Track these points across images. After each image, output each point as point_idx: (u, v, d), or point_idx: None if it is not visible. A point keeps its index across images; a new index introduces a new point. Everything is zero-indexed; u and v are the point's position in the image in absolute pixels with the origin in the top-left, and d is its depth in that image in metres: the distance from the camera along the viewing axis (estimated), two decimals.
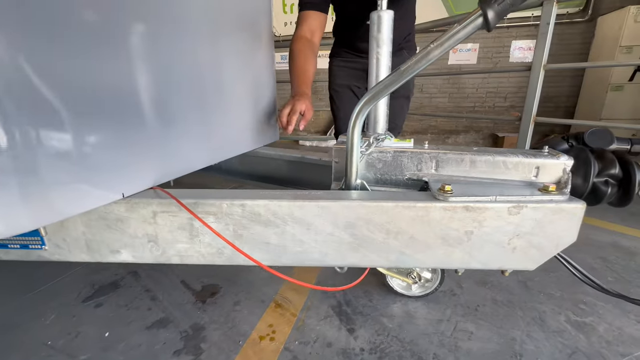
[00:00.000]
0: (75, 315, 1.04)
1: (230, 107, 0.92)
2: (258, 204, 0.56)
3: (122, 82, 0.56)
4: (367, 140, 0.67)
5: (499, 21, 0.47)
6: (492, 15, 0.46)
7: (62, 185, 0.48)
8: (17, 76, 0.41)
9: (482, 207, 0.53)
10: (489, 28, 0.47)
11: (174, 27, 0.67)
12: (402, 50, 1.33)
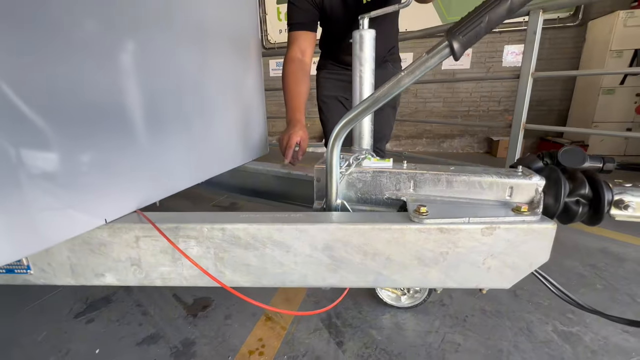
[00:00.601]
0: (67, 332, 1.05)
1: (217, 124, 0.93)
2: (237, 227, 0.57)
3: (106, 102, 0.57)
4: (347, 161, 0.69)
5: (464, 51, 0.49)
6: (458, 46, 0.47)
7: (44, 213, 0.49)
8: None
9: (456, 229, 0.55)
10: (455, 58, 0.49)
11: (160, 48, 0.68)
12: (386, 63, 1.36)
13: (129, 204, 0.63)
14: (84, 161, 0.54)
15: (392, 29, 1.33)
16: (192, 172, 0.84)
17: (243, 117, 1.07)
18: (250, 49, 1.08)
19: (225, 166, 0.99)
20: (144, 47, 0.64)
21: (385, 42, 1.29)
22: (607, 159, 0.62)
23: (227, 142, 1.00)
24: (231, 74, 0.99)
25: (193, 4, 0.78)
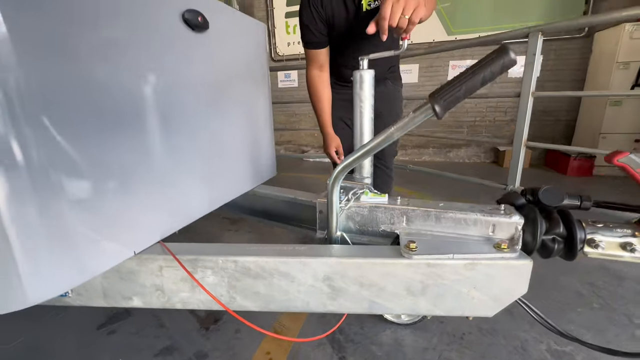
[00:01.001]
0: (92, 342, 1.15)
1: (230, 153, 1.02)
2: (248, 260, 0.65)
3: (134, 145, 0.66)
4: (346, 195, 0.76)
5: (445, 112, 0.56)
6: (439, 109, 0.54)
7: (88, 249, 0.58)
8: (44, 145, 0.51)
9: (441, 264, 0.61)
10: (438, 117, 0.56)
11: (181, 89, 0.77)
12: (386, 80, 1.43)
13: (153, 236, 0.72)
14: (117, 200, 0.63)
15: (393, 48, 1.40)
16: (208, 200, 0.93)
17: (253, 144, 1.16)
18: (259, 82, 1.17)
19: (238, 191, 1.08)
20: (167, 90, 0.73)
21: (385, 62, 1.36)
22: (584, 198, 0.68)
23: (239, 169, 1.09)
24: (243, 104, 1.07)
25: (211, 48, 0.87)
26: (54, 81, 0.51)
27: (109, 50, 0.59)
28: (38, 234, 0.51)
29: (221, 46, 0.92)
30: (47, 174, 0.51)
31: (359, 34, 1.21)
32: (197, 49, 0.82)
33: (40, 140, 0.49)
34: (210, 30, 0.84)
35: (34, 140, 0.48)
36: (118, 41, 0.61)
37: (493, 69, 0.50)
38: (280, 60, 4.66)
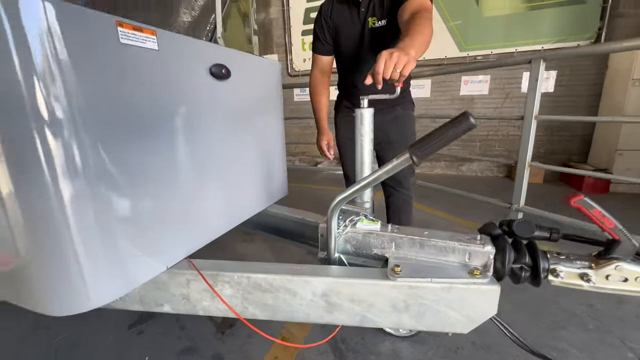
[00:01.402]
0: (124, 340, 1.31)
1: (246, 178, 1.17)
2: (259, 277, 0.78)
3: (169, 175, 0.81)
4: (344, 222, 0.88)
5: (422, 161, 0.67)
6: (417, 158, 0.66)
7: (132, 263, 0.73)
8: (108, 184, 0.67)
9: (422, 286, 0.72)
10: (415, 165, 0.67)
11: (209, 124, 0.92)
12: (396, 107, 1.48)
13: (181, 253, 0.87)
14: (154, 222, 0.78)
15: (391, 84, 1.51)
16: (227, 220, 1.07)
17: (267, 168, 1.30)
18: (274, 113, 1.31)
19: (253, 211, 1.22)
20: (196, 127, 0.89)
21: (393, 87, 1.47)
22: (553, 231, 0.76)
23: (254, 191, 1.23)
24: (259, 134, 1.22)
25: (233, 90, 1.02)
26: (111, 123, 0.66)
27: (153, 98, 0.75)
28: (98, 249, 0.66)
29: (241, 88, 1.07)
30: (105, 201, 0.66)
31: (364, 50, 1.34)
32: (222, 93, 0.98)
33: (101, 174, 0.65)
34: (232, 77, 1.00)
35: (97, 176, 0.64)
36: (160, 89, 0.76)
37: (457, 131, 0.61)
38: (296, 75, 4.86)
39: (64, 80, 0.56)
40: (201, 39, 1.46)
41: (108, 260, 0.68)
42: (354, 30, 1.33)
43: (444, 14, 3.91)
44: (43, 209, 0.59)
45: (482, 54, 3.91)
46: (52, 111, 0.56)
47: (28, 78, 0.54)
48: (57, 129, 0.57)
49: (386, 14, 1.25)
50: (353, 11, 1.31)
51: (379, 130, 1.42)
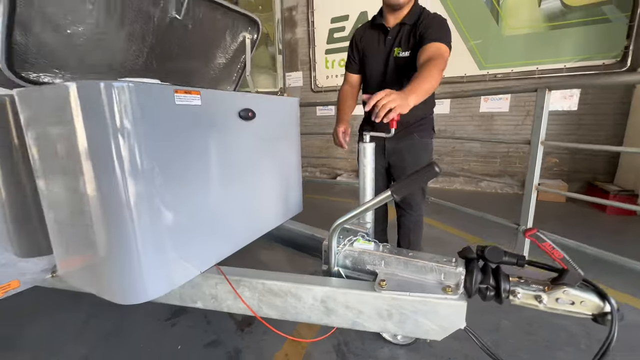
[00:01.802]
0: (162, 330, 1.55)
1: (266, 197, 1.37)
2: (271, 283, 0.98)
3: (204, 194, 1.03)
4: (343, 241, 1.06)
5: (401, 197, 0.84)
6: (397, 196, 0.83)
7: (176, 265, 0.95)
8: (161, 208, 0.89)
9: (402, 299, 0.88)
10: (396, 201, 0.84)
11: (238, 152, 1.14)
12: (413, 134, 1.55)
13: (212, 260, 1.08)
14: (193, 233, 1.00)
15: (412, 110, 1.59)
16: (249, 233, 1.28)
17: (285, 188, 1.50)
18: (292, 141, 1.52)
19: (272, 225, 1.42)
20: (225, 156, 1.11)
21: (411, 115, 1.41)
22: (519, 258, 0.90)
23: (273, 208, 1.43)
24: (278, 159, 1.42)
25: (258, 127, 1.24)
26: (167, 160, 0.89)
27: (196, 139, 0.97)
28: (154, 255, 0.88)
29: (264, 125, 1.29)
30: (160, 218, 0.88)
31: (387, 75, 1.48)
32: (248, 130, 1.20)
33: (158, 200, 0.87)
34: (257, 117, 1.22)
35: (155, 201, 0.87)
36: (201, 132, 0.99)
37: (426, 177, 0.78)
38: (319, 91, 5.11)
39: (137, 134, 0.80)
40: (233, 75, 1.72)
41: (160, 264, 0.90)
42: (380, 56, 1.48)
43: (463, 33, 4.00)
44: (118, 226, 0.82)
45: (502, 72, 3.95)
46: (128, 156, 0.79)
47: (115, 133, 0.78)
48: (133, 168, 0.80)
49: (411, 47, 1.40)
50: (381, 38, 1.47)
51: (396, 155, 1.58)
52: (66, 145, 0.82)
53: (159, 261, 0.90)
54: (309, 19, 4.93)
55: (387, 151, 1.60)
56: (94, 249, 0.87)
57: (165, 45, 1.27)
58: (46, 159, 0.90)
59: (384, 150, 1.59)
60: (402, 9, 1.40)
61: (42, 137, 0.88)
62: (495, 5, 3.80)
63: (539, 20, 3.65)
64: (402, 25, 1.41)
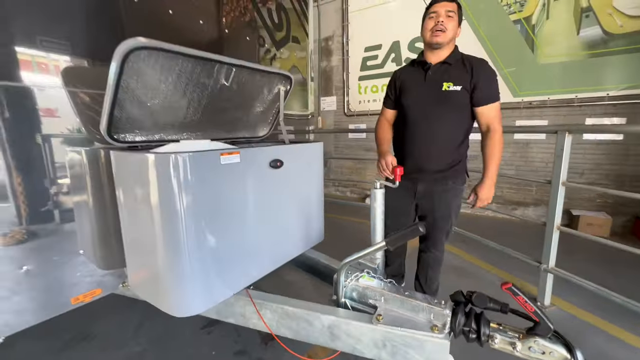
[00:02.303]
0: (199, 337, 1.82)
1: (291, 228, 1.60)
2: (288, 308, 1.19)
3: (239, 228, 1.28)
4: (350, 276, 1.25)
5: (393, 247, 1.01)
6: (390, 246, 1.01)
7: (216, 286, 1.20)
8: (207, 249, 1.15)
9: (394, 332, 1.04)
10: (390, 250, 1.02)
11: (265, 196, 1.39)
12: (447, 180, 1.59)
13: (242, 284, 1.32)
14: (228, 259, 1.24)
15: (457, 145, 1.58)
16: (274, 261, 1.51)
17: (308, 221, 1.72)
18: (315, 178, 1.74)
19: (295, 253, 1.64)
20: (257, 196, 1.36)
21: (445, 157, 1.58)
22: (503, 305, 1.02)
23: (296, 237, 1.65)
24: (302, 194, 1.65)
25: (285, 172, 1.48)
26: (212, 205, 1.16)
27: (235, 187, 1.23)
28: (200, 277, 1.14)
29: (291, 169, 1.53)
30: (205, 248, 1.14)
31: (436, 108, 1.53)
32: (277, 176, 1.45)
33: (206, 234, 1.14)
34: (284, 165, 1.46)
35: (204, 235, 1.13)
36: (238, 181, 1.25)
37: (410, 235, 0.95)
38: (351, 115, 5.35)
39: (192, 187, 1.07)
40: (269, 119, 2.01)
41: (203, 285, 1.16)
42: (424, 91, 1.55)
43: (496, 61, 4.01)
44: (175, 253, 1.10)
45: (538, 100, 3.88)
46: (185, 202, 1.06)
47: (177, 187, 1.06)
48: (188, 211, 1.07)
49: (462, 83, 1.48)
50: (423, 74, 1.57)
51: (427, 199, 1.65)
52: (143, 191, 1.12)
53: (203, 283, 1.16)
54: (344, 48, 5.23)
55: (418, 194, 1.66)
56: (156, 269, 1.15)
57: (216, 104, 1.58)
58: (127, 198, 1.21)
59: (414, 192, 1.66)
60: (442, 49, 1.52)
61: (126, 183, 1.20)
62: (530, 34, 3.78)
63: (577, 48, 3.57)
64: (446, 63, 1.53)
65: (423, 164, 1.61)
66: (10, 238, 1.24)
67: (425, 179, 1.62)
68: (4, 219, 1.21)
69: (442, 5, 1.49)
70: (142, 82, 1.21)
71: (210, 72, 1.42)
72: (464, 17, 3.98)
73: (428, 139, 1.58)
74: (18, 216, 1.24)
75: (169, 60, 1.23)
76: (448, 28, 1.48)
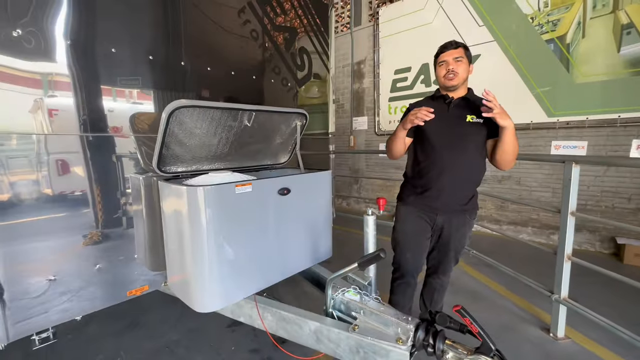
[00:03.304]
0: (224, 334, 2.15)
1: (297, 245, 1.87)
2: (283, 313, 1.44)
3: (253, 244, 1.58)
4: (337, 290, 1.47)
5: (364, 269, 1.22)
6: (360, 268, 1.22)
7: (230, 288, 1.50)
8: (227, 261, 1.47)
9: (365, 341, 1.24)
10: (361, 270, 1.23)
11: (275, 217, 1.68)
12: (464, 213, 1.65)
13: (251, 290, 1.61)
14: (242, 268, 1.54)
15: (479, 177, 1.64)
16: (280, 273, 1.78)
17: (314, 237, 1.97)
18: (324, 201, 2.00)
19: (300, 268, 1.90)
20: (268, 218, 1.65)
21: (468, 188, 1.65)
22: (462, 325, 1.16)
23: (305, 254, 1.91)
24: (311, 216, 1.91)
25: (293, 198, 1.76)
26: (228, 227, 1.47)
27: (248, 212, 1.54)
28: (219, 280, 1.46)
29: (298, 195, 1.81)
30: (223, 259, 1.46)
31: (459, 138, 1.57)
32: (285, 202, 1.73)
33: (225, 249, 1.45)
34: (292, 192, 1.75)
35: (223, 249, 1.45)
36: (251, 207, 1.56)
37: (374, 260, 1.16)
38: (382, 134, 5.52)
39: (213, 211, 1.40)
40: (288, 149, 2.33)
41: (220, 288, 1.47)
42: (447, 121, 1.58)
43: (529, 81, 3.93)
44: (199, 261, 1.43)
45: (575, 120, 3.70)
46: (208, 223, 1.39)
47: (203, 210, 1.39)
48: (209, 229, 1.40)
49: (481, 117, 1.51)
50: (445, 107, 1.62)
51: (445, 230, 1.70)
52: (177, 212, 1.48)
53: (219, 287, 1.48)
54: (375, 70, 5.47)
55: (437, 224, 1.70)
56: (185, 273, 1.50)
57: (241, 140, 1.94)
58: (168, 217, 1.59)
59: (433, 222, 1.71)
60: (457, 90, 1.61)
61: (168, 206, 1.57)
62: (564, 53, 3.67)
63: (619, 66, 3.38)
64: (466, 99, 1.62)
65: (447, 195, 1.64)
66: (89, 239, 1.68)
67: (446, 211, 1.67)
68: (86, 223, 1.64)
69: (449, 54, 1.57)
70: (182, 129, 1.60)
71: (235, 117, 1.78)
72: (493, 38, 4.00)
73: (455, 169, 1.60)
74: (96, 221, 1.67)
75: (202, 112, 1.60)
76: (459, 72, 1.56)
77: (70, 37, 1.48)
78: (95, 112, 1.61)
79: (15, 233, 1.40)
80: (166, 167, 1.73)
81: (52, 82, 1.47)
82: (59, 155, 1.52)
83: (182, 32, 1.94)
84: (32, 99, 1.42)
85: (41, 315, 1.47)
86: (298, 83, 2.68)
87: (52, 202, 1.51)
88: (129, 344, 2.09)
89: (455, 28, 4.39)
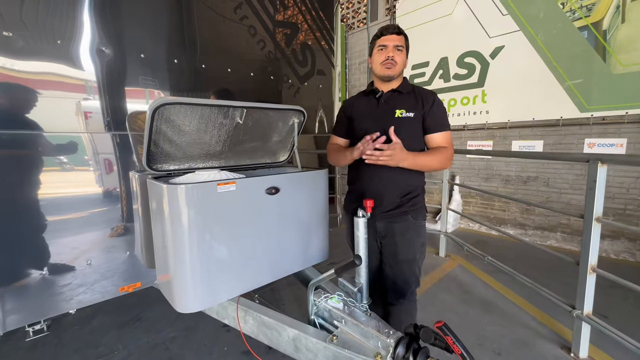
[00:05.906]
0: (219, 334, 2.14)
1: (288, 246, 1.80)
2: (264, 317, 1.38)
3: (239, 246, 1.54)
4: (321, 296, 1.38)
5: (342, 274, 1.13)
6: (337, 275, 1.13)
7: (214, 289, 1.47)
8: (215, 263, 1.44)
9: (342, 353, 1.15)
10: (339, 275, 1.14)
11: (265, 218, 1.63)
12: (406, 216, 1.53)
13: (236, 292, 1.57)
14: (227, 269, 1.50)
15: (408, 178, 1.52)
16: (269, 275, 1.72)
17: (307, 239, 1.90)
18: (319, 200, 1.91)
19: (292, 270, 1.83)
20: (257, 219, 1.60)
21: (401, 183, 1.53)
22: (446, 345, 1.04)
23: (297, 255, 1.84)
24: (304, 216, 1.83)
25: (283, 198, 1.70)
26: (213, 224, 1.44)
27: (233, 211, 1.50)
28: (201, 280, 1.43)
29: (288, 195, 1.74)
30: (206, 255, 1.43)
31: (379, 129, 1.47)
32: (274, 201, 1.67)
33: (209, 247, 1.42)
34: (281, 192, 1.68)
35: (207, 247, 1.41)
36: (236, 206, 1.51)
37: (350, 266, 1.06)
38: None
39: (195, 209, 1.37)
40: (287, 147, 2.27)
41: (203, 290, 1.44)
42: (378, 117, 1.54)
43: (558, 73, 3.60)
44: (182, 261, 1.40)
45: (613, 115, 3.33)
46: (191, 221, 1.36)
47: (184, 209, 1.36)
48: (192, 228, 1.37)
49: (414, 110, 1.49)
50: (376, 102, 1.57)
51: (389, 238, 1.58)
52: (161, 210, 1.46)
53: (201, 286, 1.44)
54: None
55: (379, 232, 1.59)
56: (169, 272, 1.48)
57: (234, 137, 1.90)
58: (155, 214, 1.58)
59: (375, 230, 1.59)
60: (391, 81, 1.54)
61: (154, 203, 1.57)
62: (600, 41, 3.31)
63: None
64: (397, 92, 1.55)
65: (380, 192, 1.55)
66: (114, 231, 1.80)
67: (383, 212, 1.56)
68: (115, 217, 1.79)
69: (390, 39, 1.47)
70: (171, 126, 1.59)
71: (226, 114, 1.74)
72: (519, 27, 3.71)
73: (387, 168, 1.47)
74: (122, 216, 1.82)
75: (190, 110, 1.58)
76: (398, 62, 1.49)
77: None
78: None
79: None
80: (157, 165, 1.73)
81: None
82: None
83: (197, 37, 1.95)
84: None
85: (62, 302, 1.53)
86: (300, 80, 2.62)
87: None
88: (128, 338, 2.14)
89: (476, 18, 4.12)
